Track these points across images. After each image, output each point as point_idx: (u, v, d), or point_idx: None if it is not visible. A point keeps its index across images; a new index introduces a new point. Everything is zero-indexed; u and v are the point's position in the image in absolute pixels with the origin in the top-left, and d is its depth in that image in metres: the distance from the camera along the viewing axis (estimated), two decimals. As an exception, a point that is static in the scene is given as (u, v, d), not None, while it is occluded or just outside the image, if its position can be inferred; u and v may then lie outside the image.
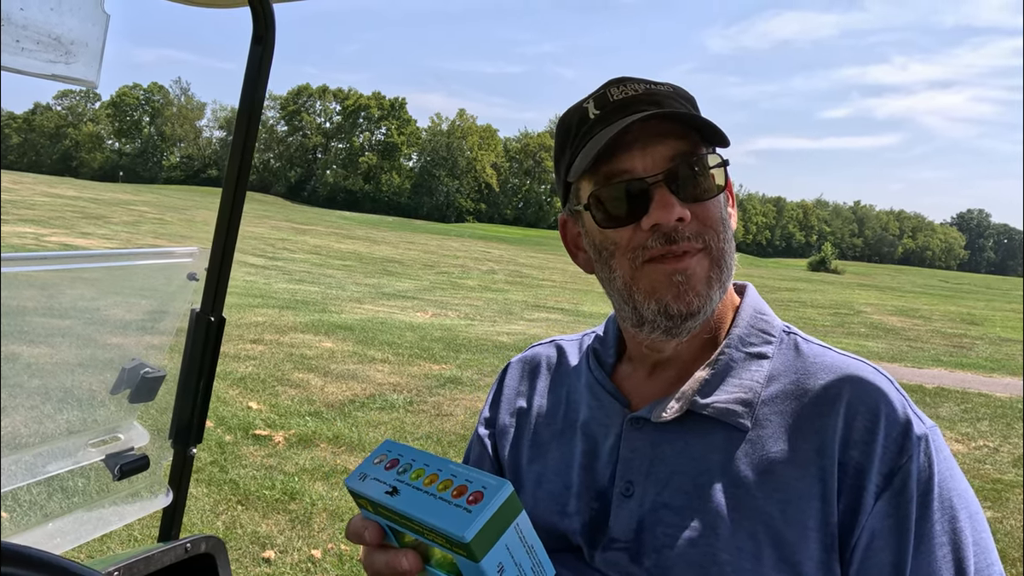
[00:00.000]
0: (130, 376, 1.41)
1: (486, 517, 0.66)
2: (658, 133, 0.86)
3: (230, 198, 1.37)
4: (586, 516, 0.92)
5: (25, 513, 1.35)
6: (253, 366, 7.50)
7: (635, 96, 0.88)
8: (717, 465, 0.86)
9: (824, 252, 61.14)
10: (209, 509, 4.13)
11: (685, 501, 0.86)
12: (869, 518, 0.81)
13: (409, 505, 0.70)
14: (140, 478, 1.43)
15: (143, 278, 1.44)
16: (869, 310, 20.91)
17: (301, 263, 20.74)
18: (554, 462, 0.98)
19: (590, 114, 0.90)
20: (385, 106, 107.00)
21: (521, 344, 10.26)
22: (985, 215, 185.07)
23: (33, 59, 0.92)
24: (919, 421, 0.85)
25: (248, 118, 1.34)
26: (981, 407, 8.11)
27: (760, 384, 0.89)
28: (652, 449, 0.90)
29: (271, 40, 1.33)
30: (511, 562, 0.68)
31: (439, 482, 0.70)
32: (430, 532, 0.68)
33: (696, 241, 0.86)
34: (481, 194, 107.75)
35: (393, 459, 0.75)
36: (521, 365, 1.11)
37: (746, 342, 0.92)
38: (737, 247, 0.93)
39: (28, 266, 1.19)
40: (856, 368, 0.88)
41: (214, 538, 1.42)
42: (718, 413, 0.87)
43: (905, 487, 0.81)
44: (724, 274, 0.88)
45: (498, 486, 0.68)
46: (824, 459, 0.83)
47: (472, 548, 0.65)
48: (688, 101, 0.92)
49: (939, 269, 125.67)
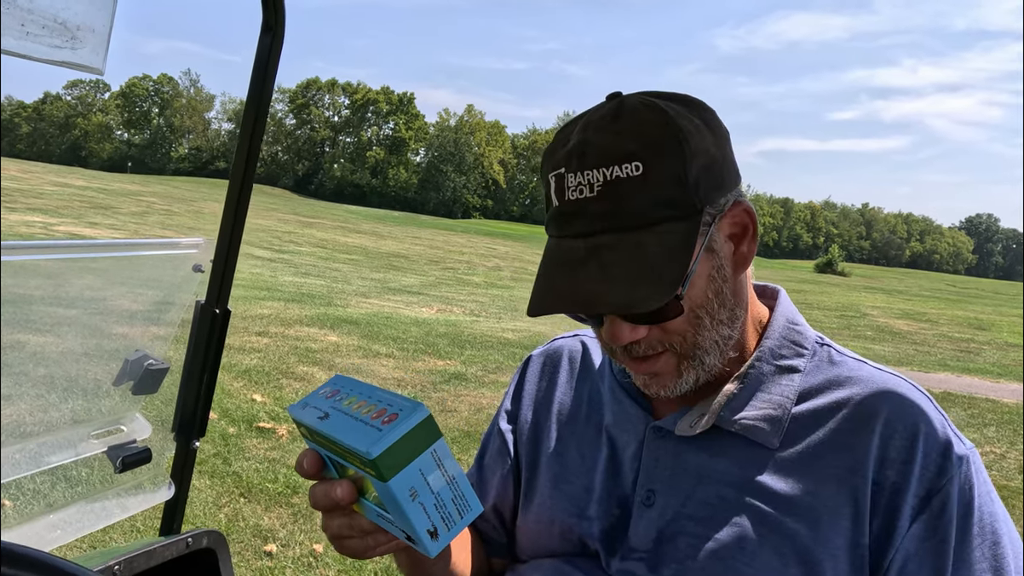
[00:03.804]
0: (134, 367, 1.40)
1: (395, 436, 0.65)
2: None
3: (237, 190, 1.36)
4: (605, 522, 0.90)
5: (28, 502, 1.34)
6: (258, 358, 7.50)
7: (587, 202, 0.77)
8: (743, 480, 0.83)
9: (831, 254, 60.89)
10: (212, 501, 4.13)
11: (709, 513, 0.83)
12: (904, 540, 0.78)
13: (333, 428, 0.69)
14: (142, 470, 1.41)
15: (149, 269, 1.43)
16: (876, 313, 20.82)
17: (307, 256, 20.76)
18: (573, 462, 0.96)
19: (553, 198, 0.81)
20: (393, 101, 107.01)
21: (526, 341, 10.24)
22: (994, 219, 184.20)
23: (38, 44, 0.90)
24: (959, 442, 0.82)
25: (256, 109, 1.32)
26: (988, 413, 8.07)
27: (790, 400, 0.85)
28: (675, 459, 0.87)
29: (281, 30, 1.31)
30: (426, 488, 0.67)
31: (366, 407, 0.70)
32: (350, 455, 0.67)
33: (657, 347, 0.81)
34: (488, 190, 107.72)
35: (335, 390, 0.75)
36: (543, 359, 1.08)
37: (777, 355, 0.88)
38: None
39: (34, 255, 1.18)
40: (894, 384, 0.85)
41: (215, 533, 1.40)
42: (745, 430, 0.84)
43: (944, 509, 0.78)
44: (702, 355, 0.82)
45: (413, 408, 0.67)
46: (857, 477, 0.80)
47: (379, 466, 0.64)
48: (653, 145, 0.76)
49: (947, 273, 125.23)
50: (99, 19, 0.96)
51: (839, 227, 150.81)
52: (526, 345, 9.92)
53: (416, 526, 0.67)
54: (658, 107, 0.78)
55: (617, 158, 0.76)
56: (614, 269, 0.76)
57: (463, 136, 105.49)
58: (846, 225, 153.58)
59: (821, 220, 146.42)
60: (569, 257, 0.78)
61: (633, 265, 0.75)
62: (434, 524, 0.67)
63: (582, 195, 0.77)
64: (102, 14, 0.97)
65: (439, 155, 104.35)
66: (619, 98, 0.81)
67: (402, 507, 0.66)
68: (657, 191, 0.76)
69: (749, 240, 0.84)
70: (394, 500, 0.66)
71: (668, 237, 0.76)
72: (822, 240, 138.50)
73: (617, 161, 0.76)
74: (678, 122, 0.77)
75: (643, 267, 0.75)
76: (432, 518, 0.67)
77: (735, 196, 0.82)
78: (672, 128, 0.77)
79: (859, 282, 46.20)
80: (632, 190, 0.75)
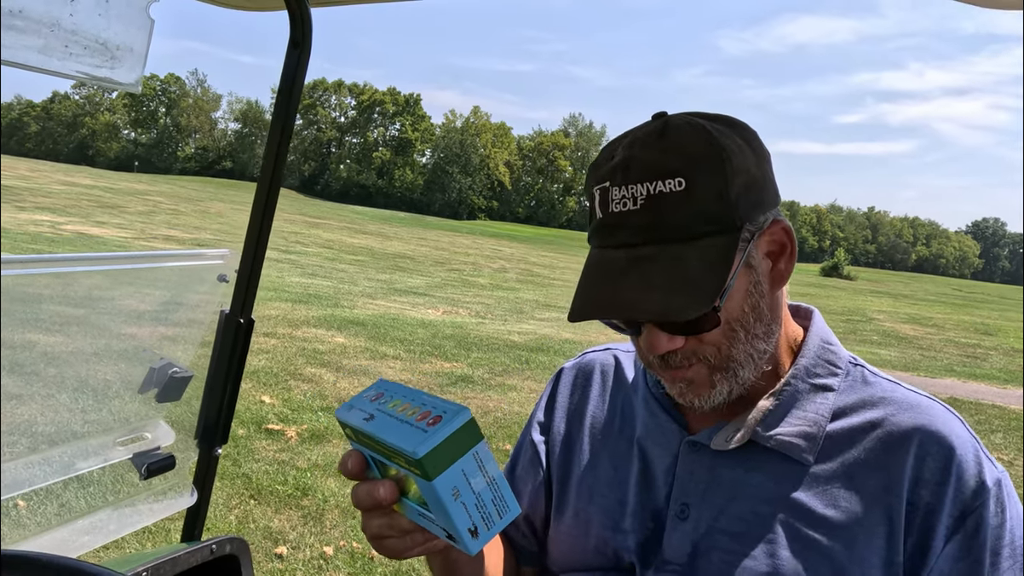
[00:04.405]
0: (159, 376, 1.42)
1: (441, 437, 0.67)
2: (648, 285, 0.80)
3: (263, 202, 1.38)
4: (640, 535, 0.91)
5: (57, 509, 1.36)
6: (266, 360, 7.53)
7: (630, 215, 0.80)
8: (778, 496, 0.85)
9: (837, 258, 60.81)
10: (222, 503, 4.15)
11: (743, 528, 0.85)
12: (939, 560, 0.80)
13: (379, 429, 0.71)
14: (165, 477, 1.44)
15: (175, 279, 1.45)
16: (881, 317, 20.77)
17: (313, 257, 20.81)
18: (607, 475, 0.97)
19: (597, 210, 0.84)
20: (400, 102, 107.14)
21: (532, 344, 10.26)
22: (1001, 224, 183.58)
23: (80, 64, 0.92)
24: (991, 465, 0.84)
25: (283, 122, 1.34)
26: (995, 419, 8.04)
27: (825, 418, 0.87)
28: (709, 473, 0.89)
29: (308, 45, 1.33)
30: (468, 488, 0.69)
31: (411, 410, 0.72)
32: (395, 455, 0.70)
33: (692, 359, 0.83)
34: (493, 192, 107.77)
35: (379, 393, 0.78)
36: (575, 371, 1.10)
37: (812, 373, 0.90)
38: None
39: (66, 267, 1.20)
40: (927, 406, 0.87)
41: (239, 539, 1.42)
42: (780, 446, 0.86)
43: (978, 531, 0.80)
44: (736, 367, 0.84)
45: (457, 411, 0.70)
46: (892, 496, 0.81)
47: (424, 465, 0.67)
48: (693, 160, 0.79)
49: (953, 277, 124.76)
50: (137, 39, 0.99)
51: (845, 231, 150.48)
52: (532, 348, 9.94)
53: (458, 525, 0.69)
54: (702, 126, 0.81)
55: (661, 173, 0.78)
56: (654, 279, 0.78)
57: (469, 137, 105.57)
58: (852, 229, 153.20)
59: (827, 223, 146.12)
60: (611, 267, 0.81)
61: (673, 276, 0.78)
62: (475, 523, 0.70)
63: (625, 208, 0.80)
64: (140, 34, 0.99)
65: (445, 156, 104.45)
66: (664, 117, 0.84)
67: (445, 506, 0.68)
68: (699, 206, 0.78)
69: (787, 258, 0.86)
70: (437, 499, 0.68)
71: (708, 251, 0.78)
72: (828, 244, 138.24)
73: (661, 176, 0.78)
74: (721, 141, 0.80)
75: (683, 278, 0.77)
76: (473, 517, 0.70)
77: (774, 215, 0.85)
78: (715, 147, 0.79)
79: (865, 286, 46.09)
80: (675, 204, 0.78)
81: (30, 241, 14.60)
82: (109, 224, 20.71)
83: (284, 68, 1.33)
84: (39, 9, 0.83)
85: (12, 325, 1.12)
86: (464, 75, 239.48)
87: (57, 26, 0.87)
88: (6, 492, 1.16)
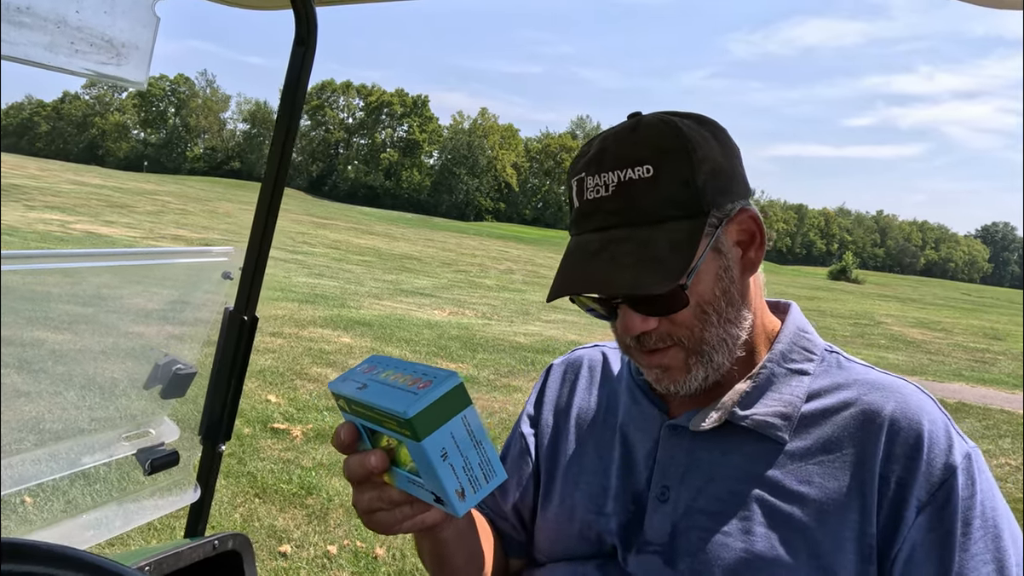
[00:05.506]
0: (163, 372, 1.43)
1: (430, 399, 0.70)
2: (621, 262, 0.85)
3: (267, 199, 1.38)
4: (622, 518, 0.94)
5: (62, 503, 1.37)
6: (272, 359, 7.55)
7: (602, 200, 0.86)
8: (753, 474, 0.88)
9: (845, 261, 60.69)
10: (227, 501, 4.16)
11: (720, 507, 0.88)
12: (911, 531, 0.82)
13: (371, 395, 0.73)
14: (169, 473, 1.44)
15: (180, 276, 1.45)
16: (890, 321, 20.69)
17: (320, 257, 20.86)
18: (591, 463, 1.01)
19: (575, 200, 0.91)
20: (408, 103, 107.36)
21: (538, 345, 10.26)
22: (1010, 228, 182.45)
23: (87, 60, 0.93)
24: (962, 441, 0.86)
25: (288, 120, 1.35)
26: (1003, 424, 8.00)
27: (800, 399, 0.90)
28: (688, 456, 0.92)
29: (313, 43, 1.34)
30: (456, 451, 0.71)
31: (403, 377, 0.75)
32: (387, 419, 0.72)
33: (667, 340, 0.88)
34: (501, 193, 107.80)
35: (372, 366, 0.80)
36: (564, 367, 1.14)
37: (788, 358, 0.93)
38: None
39: (70, 263, 1.21)
40: (899, 386, 0.90)
41: (241, 536, 1.43)
42: (756, 425, 0.89)
43: (948, 502, 0.82)
44: (710, 351, 0.88)
45: (447, 375, 0.72)
46: (864, 472, 0.84)
47: (415, 425, 0.68)
48: (662, 152, 0.85)
49: (962, 282, 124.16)
50: (142, 37, 1.00)
51: (853, 234, 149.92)
52: (538, 349, 9.94)
53: (446, 486, 0.71)
54: (672, 122, 0.87)
55: (631, 162, 0.85)
56: (624, 258, 0.84)
57: (476, 139, 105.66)
58: (860, 232, 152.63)
59: (835, 227, 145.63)
60: (585, 249, 0.87)
61: (642, 255, 0.83)
62: (462, 485, 0.72)
63: (599, 194, 0.87)
64: (145, 32, 1.00)
65: (452, 158, 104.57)
66: (638, 116, 0.91)
67: (433, 467, 0.70)
68: (666, 192, 0.84)
69: (756, 247, 0.91)
70: (426, 460, 0.70)
71: (675, 233, 0.84)
72: (836, 247, 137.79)
73: (631, 164, 0.85)
74: (688, 134, 0.86)
75: (651, 257, 0.83)
76: (460, 479, 0.72)
77: (743, 204, 0.89)
78: (682, 138, 0.86)
79: (873, 290, 45.93)
80: (643, 190, 0.84)
81: (39, 240, 14.69)
82: (118, 223, 20.82)
83: (289, 66, 1.34)
84: (45, 6, 0.84)
85: (21, 323, 1.13)
86: (471, 77, 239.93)
87: (63, 23, 0.88)
88: (14, 486, 1.17)
